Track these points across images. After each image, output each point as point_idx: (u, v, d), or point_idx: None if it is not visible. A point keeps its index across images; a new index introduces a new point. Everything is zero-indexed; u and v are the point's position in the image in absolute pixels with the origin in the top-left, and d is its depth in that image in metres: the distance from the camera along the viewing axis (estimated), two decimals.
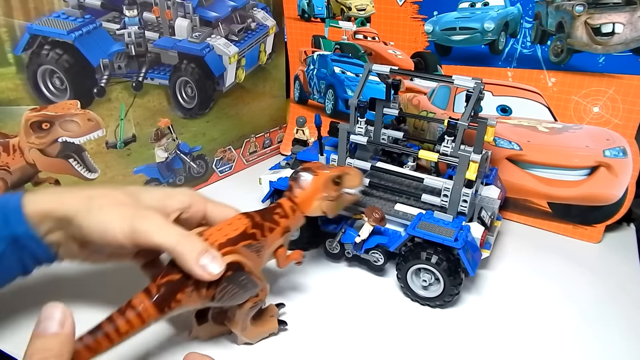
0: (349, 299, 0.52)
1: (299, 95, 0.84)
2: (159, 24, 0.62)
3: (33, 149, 0.54)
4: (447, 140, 0.50)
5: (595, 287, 0.55)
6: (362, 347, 0.46)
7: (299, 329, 0.47)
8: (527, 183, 0.65)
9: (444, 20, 0.64)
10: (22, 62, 0.51)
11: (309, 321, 0.48)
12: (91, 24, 0.56)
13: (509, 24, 0.60)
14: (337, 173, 0.46)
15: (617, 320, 0.50)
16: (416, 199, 0.54)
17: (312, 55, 0.78)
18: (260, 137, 0.83)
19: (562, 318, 0.51)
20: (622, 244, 0.64)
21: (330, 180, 0.45)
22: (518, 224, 0.68)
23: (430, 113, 0.68)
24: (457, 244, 0.47)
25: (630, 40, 0.54)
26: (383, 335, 0.47)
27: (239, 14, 0.72)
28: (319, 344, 0.46)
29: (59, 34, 0.54)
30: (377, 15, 0.69)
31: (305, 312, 0.49)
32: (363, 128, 0.55)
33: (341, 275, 0.55)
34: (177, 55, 0.65)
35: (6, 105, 0.51)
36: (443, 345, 0.46)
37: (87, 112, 0.57)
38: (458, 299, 0.52)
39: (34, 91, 0.53)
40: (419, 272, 0.51)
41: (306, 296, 0.52)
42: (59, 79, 0.55)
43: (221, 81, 0.72)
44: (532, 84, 0.61)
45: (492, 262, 0.58)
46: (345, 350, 0.45)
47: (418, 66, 0.68)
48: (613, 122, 0.58)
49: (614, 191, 0.60)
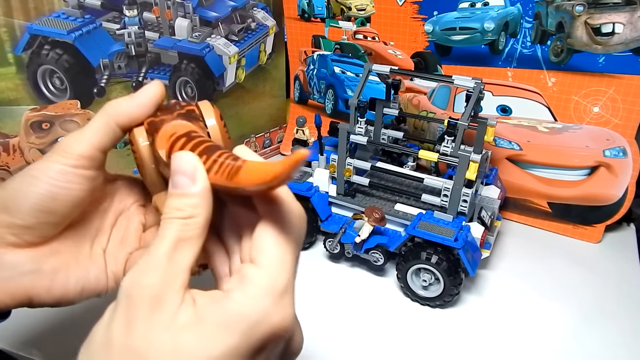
0: (349, 299, 0.52)
1: (299, 95, 0.84)
2: (159, 24, 0.62)
3: (33, 149, 0.54)
4: (447, 140, 0.50)
5: (595, 287, 0.55)
6: (362, 347, 0.46)
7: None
8: (527, 183, 0.65)
9: (444, 20, 0.64)
10: (22, 62, 0.51)
11: (309, 321, 0.48)
12: (91, 24, 0.56)
13: (509, 24, 0.60)
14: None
15: (617, 320, 0.50)
16: (416, 199, 0.54)
17: (312, 55, 0.78)
18: (260, 137, 0.83)
19: (562, 318, 0.51)
20: (622, 244, 0.64)
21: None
22: (518, 224, 0.68)
23: (430, 113, 0.68)
24: (457, 244, 0.47)
25: (630, 40, 0.54)
26: (383, 335, 0.47)
27: (239, 14, 0.72)
28: (319, 343, 0.46)
29: (59, 34, 0.54)
30: (377, 15, 0.69)
31: (305, 312, 0.49)
32: (363, 128, 0.55)
33: (341, 275, 0.55)
34: (177, 55, 0.65)
35: (6, 105, 0.51)
36: (443, 345, 0.46)
37: (87, 112, 0.57)
38: (458, 299, 0.52)
39: (34, 91, 0.53)
40: (419, 272, 0.51)
41: (306, 296, 0.52)
42: (59, 79, 0.55)
43: (221, 81, 0.72)
44: (532, 84, 0.61)
45: (492, 262, 0.58)
46: (345, 350, 0.45)
47: (418, 66, 0.68)
48: (613, 122, 0.58)
49: (614, 191, 0.60)
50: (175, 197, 0.25)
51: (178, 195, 0.25)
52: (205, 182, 0.25)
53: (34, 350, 0.43)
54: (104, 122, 0.29)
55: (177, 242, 0.24)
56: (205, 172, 0.25)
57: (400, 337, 0.47)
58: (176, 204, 0.25)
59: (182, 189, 0.25)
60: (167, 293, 0.22)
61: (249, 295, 0.23)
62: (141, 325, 0.22)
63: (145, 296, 0.22)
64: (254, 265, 0.24)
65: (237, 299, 0.23)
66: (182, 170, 0.25)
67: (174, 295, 0.23)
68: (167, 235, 0.24)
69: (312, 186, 0.57)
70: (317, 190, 0.57)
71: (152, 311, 0.22)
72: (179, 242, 0.24)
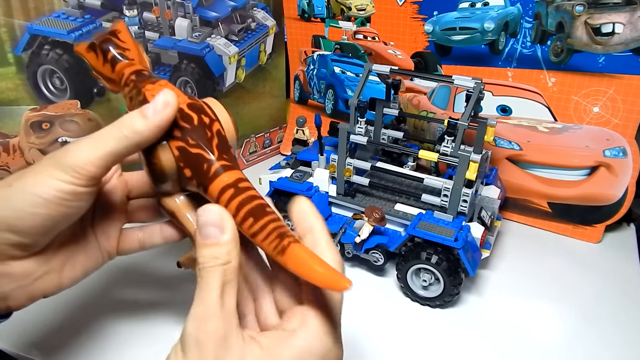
0: (348, 299, 0.52)
1: (299, 95, 0.84)
2: (159, 24, 0.62)
3: (33, 148, 0.54)
4: (447, 140, 0.50)
5: (595, 287, 0.55)
6: (362, 347, 0.46)
7: None
8: (527, 183, 0.65)
9: (444, 20, 0.64)
10: (22, 62, 0.52)
11: None
12: (91, 24, 0.56)
13: (509, 24, 0.60)
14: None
15: (617, 320, 0.50)
16: (416, 199, 0.54)
17: (312, 55, 0.78)
18: (260, 137, 0.83)
19: (562, 318, 0.51)
20: (622, 244, 0.64)
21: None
22: (518, 224, 0.68)
23: (430, 113, 0.68)
24: (457, 244, 0.47)
25: (630, 40, 0.54)
26: (383, 335, 0.47)
27: (239, 14, 0.72)
28: None
29: (59, 34, 0.54)
30: (377, 15, 0.69)
31: None
32: (363, 128, 0.55)
33: None
34: (177, 55, 0.65)
35: (6, 105, 0.51)
36: (443, 345, 0.46)
37: (87, 112, 0.57)
38: (458, 299, 0.52)
39: (34, 91, 0.53)
40: (419, 272, 0.51)
41: None
42: (59, 79, 0.55)
43: (221, 81, 0.72)
44: (532, 84, 0.61)
45: (492, 262, 0.58)
46: (345, 350, 0.45)
47: (418, 66, 0.68)
48: (613, 122, 0.58)
49: (614, 191, 0.60)
50: (209, 247, 0.27)
51: (211, 245, 0.27)
52: (234, 229, 0.27)
53: (34, 350, 0.43)
54: (123, 146, 0.29)
55: (222, 288, 0.26)
56: (232, 219, 0.27)
57: (400, 337, 0.47)
58: (212, 252, 0.27)
59: (213, 239, 0.27)
60: (230, 333, 0.25)
61: (313, 335, 0.26)
62: None
63: (214, 339, 0.25)
64: (313, 308, 0.27)
65: (304, 338, 0.26)
66: (210, 222, 0.27)
67: (235, 334, 0.26)
68: (212, 283, 0.26)
69: (312, 186, 0.57)
70: (317, 190, 0.57)
71: (223, 352, 0.25)
72: (224, 287, 0.26)
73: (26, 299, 0.32)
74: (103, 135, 0.29)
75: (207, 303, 0.25)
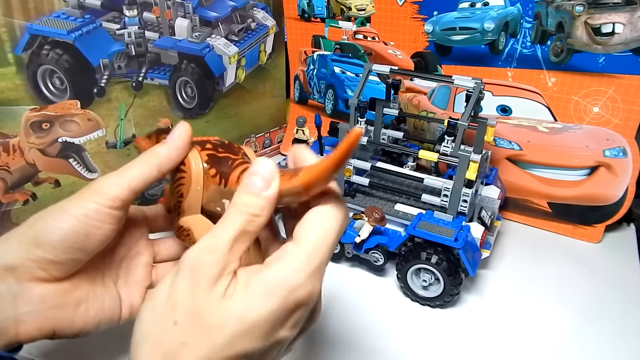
0: (349, 299, 0.52)
1: (299, 95, 0.84)
2: (159, 24, 0.62)
3: (33, 149, 0.54)
4: (447, 140, 0.50)
5: (595, 287, 0.55)
6: (362, 347, 0.46)
7: None
8: (527, 183, 0.65)
9: (444, 20, 0.64)
10: (22, 62, 0.51)
11: None
12: (91, 24, 0.56)
13: (509, 24, 0.60)
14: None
15: (617, 320, 0.50)
16: (416, 199, 0.54)
17: (312, 55, 0.78)
18: (260, 137, 0.83)
19: (562, 318, 0.51)
20: (622, 244, 0.64)
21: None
22: (518, 224, 0.68)
23: (430, 113, 0.68)
24: (457, 244, 0.47)
25: (630, 40, 0.54)
26: (383, 335, 0.47)
27: (239, 14, 0.72)
28: (318, 343, 0.46)
29: (59, 34, 0.53)
30: (377, 15, 0.69)
31: None
32: (363, 128, 0.55)
33: (341, 275, 0.55)
34: (177, 55, 0.65)
35: (6, 105, 0.51)
36: (443, 345, 0.46)
37: (87, 112, 0.57)
38: (458, 299, 0.52)
39: (34, 91, 0.53)
40: (419, 272, 0.51)
41: None
42: (59, 79, 0.55)
43: (221, 81, 0.72)
44: (532, 84, 0.61)
45: (492, 262, 0.58)
46: (345, 350, 0.45)
47: (418, 66, 0.68)
48: (613, 122, 0.58)
49: (614, 191, 0.60)
50: (249, 194, 0.28)
51: (251, 193, 0.28)
52: (276, 191, 0.28)
53: (34, 350, 0.43)
54: (146, 169, 0.32)
55: (240, 233, 0.27)
56: (278, 184, 0.28)
57: (400, 337, 0.47)
58: (248, 200, 0.28)
59: (257, 189, 0.28)
60: (222, 275, 0.26)
61: (287, 268, 0.26)
62: (201, 294, 0.25)
63: (207, 273, 0.26)
64: (295, 244, 0.27)
65: (276, 270, 0.26)
66: (262, 174, 0.28)
67: (226, 277, 0.26)
68: (234, 223, 0.27)
69: None
70: None
71: (210, 286, 0.26)
72: (242, 233, 0.27)
73: (36, 328, 0.32)
74: (129, 165, 0.32)
75: (219, 238, 0.27)
